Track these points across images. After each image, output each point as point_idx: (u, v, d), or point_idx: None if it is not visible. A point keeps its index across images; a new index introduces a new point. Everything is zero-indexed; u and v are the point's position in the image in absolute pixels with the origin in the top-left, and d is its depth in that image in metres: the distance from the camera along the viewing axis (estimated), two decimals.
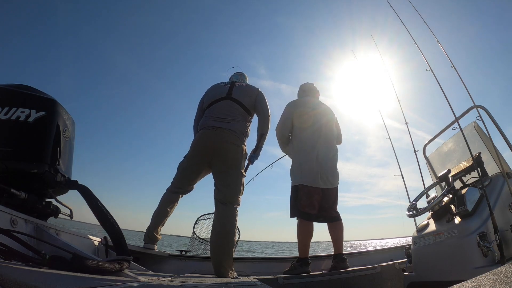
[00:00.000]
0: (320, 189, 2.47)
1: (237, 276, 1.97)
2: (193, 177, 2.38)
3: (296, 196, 2.47)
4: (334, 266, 2.44)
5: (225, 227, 2.03)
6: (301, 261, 2.40)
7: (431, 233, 1.96)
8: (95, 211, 1.42)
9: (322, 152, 2.52)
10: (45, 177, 1.43)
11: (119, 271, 1.14)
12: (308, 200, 2.42)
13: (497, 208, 1.67)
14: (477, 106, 2.02)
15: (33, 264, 0.89)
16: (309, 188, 2.44)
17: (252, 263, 2.88)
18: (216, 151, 2.19)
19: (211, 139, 2.21)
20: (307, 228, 2.43)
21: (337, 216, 2.55)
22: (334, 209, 2.55)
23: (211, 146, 2.20)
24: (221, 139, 2.19)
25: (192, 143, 2.33)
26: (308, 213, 2.41)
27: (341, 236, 2.52)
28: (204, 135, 2.25)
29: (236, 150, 2.21)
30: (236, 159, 2.20)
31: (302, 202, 2.42)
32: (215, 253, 1.99)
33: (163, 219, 2.38)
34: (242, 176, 2.23)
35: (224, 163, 2.19)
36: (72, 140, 1.70)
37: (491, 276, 0.70)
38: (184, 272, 2.14)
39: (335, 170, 2.60)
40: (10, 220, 1.15)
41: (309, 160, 2.49)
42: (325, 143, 2.58)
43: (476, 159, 2.00)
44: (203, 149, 2.25)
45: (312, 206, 2.42)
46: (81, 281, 0.78)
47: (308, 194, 2.43)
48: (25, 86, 1.51)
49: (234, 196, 2.14)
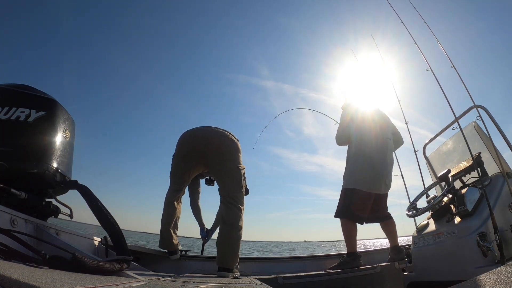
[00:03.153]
0: (375, 194, 2.57)
1: (237, 276, 1.97)
2: (188, 174, 2.42)
3: (351, 199, 2.55)
4: (392, 258, 2.54)
5: (230, 221, 2.07)
6: (352, 255, 2.51)
7: (431, 233, 1.96)
8: (95, 211, 1.42)
9: (380, 159, 2.58)
10: (45, 177, 1.43)
11: (119, 271, 1.14)
12: (363, 204, 2.52)
13: (497, 208, 1.67)
14: (477, 106, 2.02)
15: (33, 264, 0.89)
16: (365, 193, 2.52)
17: (252, 263, 2.87)
18: (208, 146, 2.21)
19: (203, 131, 2.26)
20: (354, 227, 2.56)
21: (388, 215, 2.70)
22: (384, 211, 2.70)
23: (201, 141, 2.23)
24: (212, 132, 2.24)
25: (178, 141, 2.35)
26: (360, 216, 2.53)
27: (393, 231, 2.67)
28: (196, 129, 2.31)
29: (230, 143, 2.22)
30: (230, 152, 2.20)
31: (356, 206, 2.52)
32: (221, 246, 2.03)
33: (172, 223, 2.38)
34: (240, 169, 2.22)
35: (219, 157, 2.20)
36: (72, 140, 1.70)
37: (491, 276, 0.70)
38: (184, 272, 2.14)
39: (391, 178, 2.68)
40: (10, 220, 1.15)
41: (368, 167, 2.55)
42: (383, 151, 2.62)
43: (476, 159, 2.00)
44: (192, 144, 2.28)
45: (364, 210, 2.53)
46: (81, 281, 0.78)
47: (363, 198, 2.52)
48: (25, 86, 1.51)
49: (236, 191, 2.15)
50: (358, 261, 2.50)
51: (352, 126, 2.70)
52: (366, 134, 2.63)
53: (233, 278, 1.85)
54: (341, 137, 2.76)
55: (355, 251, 2.54)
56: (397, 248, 2.59)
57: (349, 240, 2.56)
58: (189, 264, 2.63)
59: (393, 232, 2.68)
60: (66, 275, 0.80)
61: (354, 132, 2.68)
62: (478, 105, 2.01)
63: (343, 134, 2.74)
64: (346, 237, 2.56)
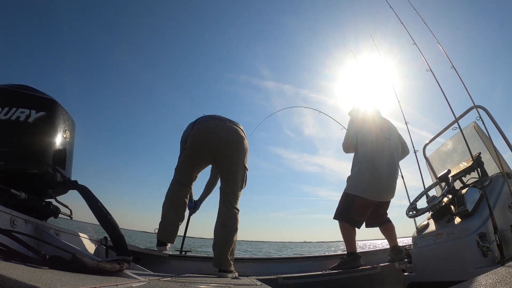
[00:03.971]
0: (377, 202, 2.58)
1: (237, 276, 1.97)
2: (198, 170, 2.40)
3: (352, 204, 2.56)
4: (392, 258, 2.56)
5: (229, 224, 2.07)
6: (352, 255, 2.51)
7: (431, 233, 1.96)
8: (95, 211, 1.42)
9: (385, 168, 2.57)
10: (45, 177, 1.43)
11: (119, 271, 1.13)
12: (363, 210, 2.55)
13: (497, 208, 1.67)
14: (477, 106, 2.02)
15: (33, 264, 0.88)
16: (368, 201, 2.53)
17: (252, 263, 2.87)
18: (222, 143, 2.17)
19: (220, 129, 2.19)
20: (352, 228, 2.58)
21: (387, 220, 2.73)
22: (384, 216, 2.73)
23: (219, 137, 2.18)
24: (230, 129, 2.20)
25: (193, 134, 2.24)
26: (358, 221, 2.56)
27: (393, 233, 2.70)
28: (212, 125, 2.22)
29: (243, 141, 2.22)
30: (241, 152, 2.20)
31: (356, 211, 2.54)
32: (220, 248, 2.02)
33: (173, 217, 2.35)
34: (245, 169, 2.23)
35: (232, 155, 2.18)
36: (72, 140, 1.70)
37: (491, 276, 0.70)
38: (184, 272, 2.14)
39: (395, 187, 2.67)
40: (10, 220, 1.15)
41: (374, 177, 2.55)
42: (389, 160, 2.62)
43: (476, 159, 2.00)
44: (209, 139, 2.20)
45: (364, 216, 2.58)
46: (81, 281, 0.78)
47: (364, 206, 2.54)
48: (25, 86, 1.51)
49: (238, 190, 2.16)
50: (358, 261, 2.50)
51: (359, 134, 2.70)
52: (373, 143, 2.63)
53: (233, 278, 1.85)
54: (348, 144, 2.76)
55: (355, 251, 2.54)
56: (397, 248, 2.61)
57: (348, 241, 2.57)
58: (189, 265, 2.63)
59: (393, 234, 2.70)
60: (66, 275, 0.80)
61: (361, 140, 2.68)
62: (478, 106, 2.01)
63: (352, 142, 2.73)
64: (345, 238, 2.58)
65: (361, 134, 2.70)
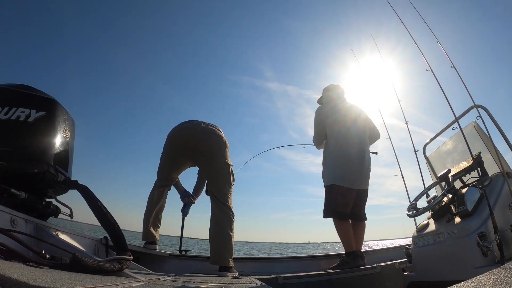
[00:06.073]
0: (355, 190, 2.55)
1: (237, 276, 1.97)
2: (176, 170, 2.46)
3: (331, 195, 2.54)
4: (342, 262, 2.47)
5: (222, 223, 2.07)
6: (351, 255, 2.45)
7: (431, 233, 1.96)
8: (95, 211, 1.42)
9: (357, 154, 2.56)
10: (45, 177, 1.43)
11: (119, 271, 1.14)
12: (343, 200, 2.50)
13: (497, 208, 1.67)
14: (477, 105, 2.02)
15: (33, 264, 0.89)
16: (344, 188, 2.50)
17: (252, 263, 2.88)
18: (198, 142, 2.22)
19: (195, 128, 2.25)
20: (346, 226, 2.52)
21: (362, 215, 2.66)
22: (362, 209, 2.66)
23: (191, 137, 2.24)
24: (204, 129, 2.24)
25: (169, 135, 2.35)
26: (341, 212, 2.49)
27: (361, 234, 2.63)
28: (188, 124, 2.31)
29: (219, 139, 2.24)
30: (219, 148, 2.22)
31: (336, 202, 2.49)
32: (214, 244, 2.04)
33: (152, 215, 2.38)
34: (229, 164, 2.23)
35: (208, 153, 2.21)
36: (72, 140, 1.70)
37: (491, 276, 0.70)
38: (184, 272, 2.14)
39: (369, 172, 2.66)
40: (10, 220, 1.15)
41: (344, 163, 2.54)
42: (359, 146, 2.61)
43: (476, 159, 2.00)
44: (182, 141, 2.29)
45: (346, 206, 2.51)
46: (81, 281, 0.78)
47: (342, 194, 2.51)
48: (25, 86, 1.51)
49: (225, 187, 2.16)
50: (359, 260, 2.45)
51: (328, 124, 2.68)
52: (343, 131, 2.62)
53: (233, 278, 1.85)
54: (318, 138, 2.75)
55: (353, 250, 2.49)
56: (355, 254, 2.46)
57: (345, 239, 2.51)
58: (189, 264, 2.63)
59: (360, 236, 2.60)
60: (66, 275, 0.80)
61: (330, 130, 2.67)
62: (478, 105, 2.01)
63: (321, 134, 2.73)
64: (340, 236, 2.52)
65: (329, 124, 2.68)
